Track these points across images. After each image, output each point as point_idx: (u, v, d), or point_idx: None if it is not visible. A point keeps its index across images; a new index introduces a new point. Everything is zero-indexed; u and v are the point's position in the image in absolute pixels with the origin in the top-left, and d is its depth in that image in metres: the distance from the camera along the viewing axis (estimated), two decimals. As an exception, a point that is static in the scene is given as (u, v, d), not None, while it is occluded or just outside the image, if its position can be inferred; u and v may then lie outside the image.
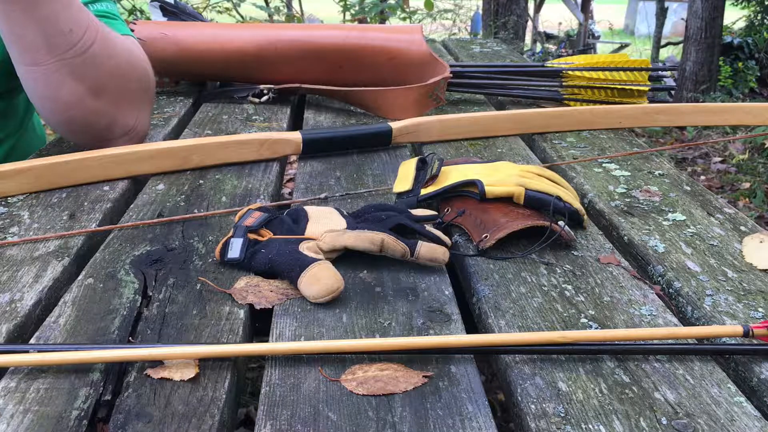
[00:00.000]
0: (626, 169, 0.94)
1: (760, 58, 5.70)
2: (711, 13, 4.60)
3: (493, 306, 0.60)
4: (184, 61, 1.17)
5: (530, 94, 1.25)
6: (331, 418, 0.46)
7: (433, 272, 0.65)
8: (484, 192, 0.73)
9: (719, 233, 0.75)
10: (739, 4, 6.08)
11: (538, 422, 0.46)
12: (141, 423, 0.44)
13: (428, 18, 4.93)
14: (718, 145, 3.62)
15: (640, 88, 1.20)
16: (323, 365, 0.51)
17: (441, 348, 0.52)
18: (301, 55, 1.17)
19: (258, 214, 0.68)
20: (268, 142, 0.91)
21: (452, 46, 1.89)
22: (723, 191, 3.05)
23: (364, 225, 0.67)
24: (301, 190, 0.84)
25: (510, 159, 0.97)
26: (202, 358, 0.51)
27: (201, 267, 0.64)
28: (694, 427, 0.46)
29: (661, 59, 7.03)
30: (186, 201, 0.79)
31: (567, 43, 8.01)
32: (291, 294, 0.60)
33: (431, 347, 0.52)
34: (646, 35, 10.64)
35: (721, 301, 0.62)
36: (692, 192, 0.86)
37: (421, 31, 1.20)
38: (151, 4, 1.34)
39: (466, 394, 0.48)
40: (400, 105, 1.13)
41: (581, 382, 0.50)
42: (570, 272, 0.66)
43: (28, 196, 0.78)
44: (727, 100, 4.91)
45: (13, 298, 0.58)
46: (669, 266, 0.68)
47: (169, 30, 1.17)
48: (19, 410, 0.45)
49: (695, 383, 0.51)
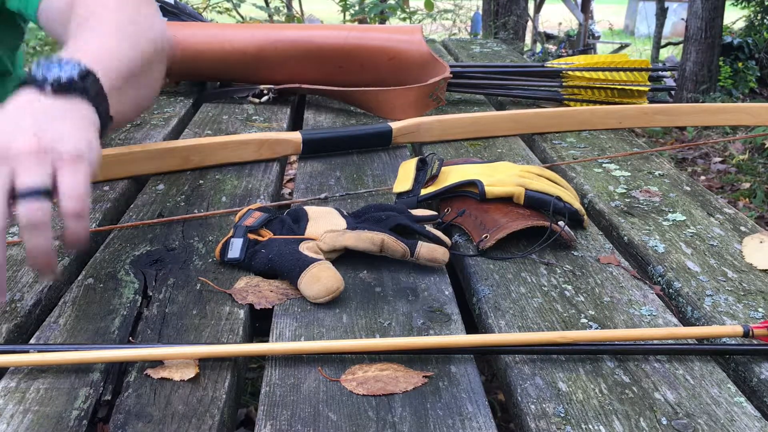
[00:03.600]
0: (626, 169, 0.94)
1: (760, 58, 5.70)
2: (711, 13, 4.59)
3: (493, 306, 0.60)
4: (184, 61, 1.17)
5: (530, 95, 1.25)
6: (331, 418, 0.46)
7: (433, 272, 0.65)
8: (484, 192, 0.73)
9: (719, 233, 0.75)
10: (739, 4, 6.08)
11: (538, 422, 0.46)
12: (141, 423, 0.44)
13: (428, 18, 4.93)
14: (718, 145, 3.62)
15: (640, 89, 1.20)
16: (323, 365, 0.51)
17: (441, 348, 0.52)
18: (301, 55, 1.17)
19: (258, 214, 0.68)
20: (268, 142, 0.91)
21: (452, 47, 1.89)
22: (723, 191, 3.05)
23: (364, 225, 0.67)
24: (301, 190, 0.84)
25: (510, 159, 0.97)
26: (202, 358, 0.51)
27: (201, 267, 0.64)
28: (694, 427, 0.46)
29: (661, 59, 7.03)
30: (186, 201, 0.79)
31: (567, 43, 8.01)
32: (291, 294, 0.60)
33: (431, 347, 0.52)
34: (646, 35, 10.64)
35: (721, 301, 0.62)
36: (692, 192, 0.86)
37: (421, 31, 1.20)
38: (151, 4, 1.34)
39: (466, 394, 0.48)
40: (400, 105, 1.13)
41: (581, 382, 0.50)
42: (570, 272, 0.66)
43: (28, 196, 0.78)
44: (727, 100, 4.91)
45: (13, 298, 0.58)
46: (669, 266, 0.68)
47: (169, 30, 1.17)
48: (19, 410, 0.45)
49: (695, 383, 0.51)
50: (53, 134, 0.54)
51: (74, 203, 0.52)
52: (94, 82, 0.61)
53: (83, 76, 0.60)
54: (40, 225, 0.51)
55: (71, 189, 0.52)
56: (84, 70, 0.60)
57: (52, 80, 0.58)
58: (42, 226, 0.51)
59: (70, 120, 0.57)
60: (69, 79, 0.58)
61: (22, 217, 0.50)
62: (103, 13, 0.75)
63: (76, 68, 0.60)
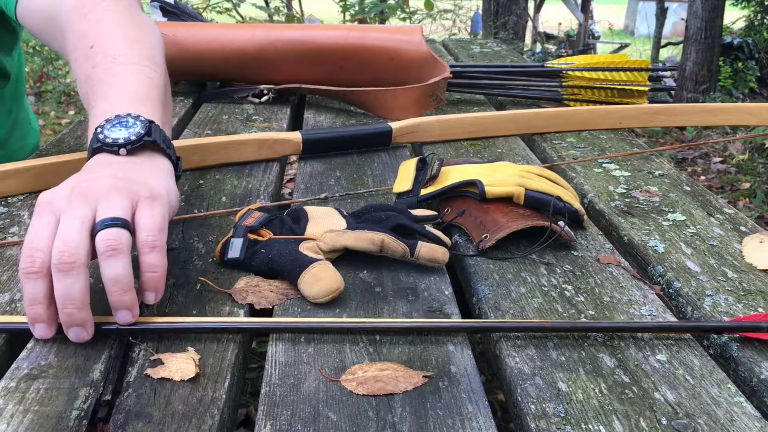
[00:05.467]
0: (626, 169, 0.94)
1: (760, 58, 5.70)
2: (711, 13, 4.60)
3: (493, 306, 0.60)
4: (184, 61, 1.17)
5: (530, 95, 1.25)
6: (331, 418, 0.46)
7: (433, 272, 0.65)
8: (484, 192, 0.73)
9: (719, 233, 0.75)
10: (739, 4, 6.08)
11: (538, 422, 0.46)
12: (141, 423, 0.44)
13: (428, 18, 4.93)
14: (718, 145, 3.62)
15: (640, 89, 1.20)
16: (323, 365, 0.51)
17: (437, 329, 0.55)
18: (301, 55, 1.17)
19: (258, 214, 0.68)
20: (268, 142, 0.91)
21: (452, 47, 1.89)
22: (723, 191, 3.05)
23: (364, 225, 0.67)
24: (301, 190, 0.84)
25: (510, 159, 0.97)
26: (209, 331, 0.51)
27: (201, 267, 0.64)
28: (694, 427, 0.46)
29: (661, 59, 7.03)
30: (186, 201, 0.79)
31: (567, 43, 8.01)
32: (291, 294, 0.60)
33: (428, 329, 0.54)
34: (646, 35, 10.64)
35: (721, 301, 0.62)
36: (692, 192, 0.86)
37: (421, 31, 1.20)
38: (151, 4, 1.34)
39: (466, 394, 0.48)
40: (400, 105, 1.13)
41: (581, 382, 0.50)
42: (570, 272, 0.66)
43: (28, 196, 0.78)
44: (727, 100, 4.91)
45: (13, 298, 0.58)
46: (669, 266, 0.68)
47: (169, 30, 1.17)
48: (19, 410, 0.45)
49: (695, 383, 0.51)
50: (133, 179, 0.55)
51: (149, 235, 0.52)
52: (158, 131, 0.62)
53: (148, 129, 0.61)
54: (118, 251, 0.50)
55: (148, 222, 0.52)
56: (146, 123, 0.61)
57: (125, 143, 0.59)
58: (120, 253, 0.50)
59: (148, 169, 0.59)
60: (139, 138, 0.60)
61: (99, 245, 0.50)
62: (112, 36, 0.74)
63: (140, 124, 0.61)
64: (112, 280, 0.50)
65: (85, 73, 0.71)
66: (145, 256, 0.52)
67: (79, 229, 0.50)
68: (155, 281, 0.52)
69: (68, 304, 0.49)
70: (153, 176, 0.58)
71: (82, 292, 0.49)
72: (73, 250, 0.49)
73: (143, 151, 0.61)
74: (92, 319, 0.51)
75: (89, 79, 0.70)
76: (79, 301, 0.49)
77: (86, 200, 0.52)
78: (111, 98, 0.66)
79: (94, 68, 0.70)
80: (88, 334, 0.51)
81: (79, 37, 0.74)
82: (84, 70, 0.71)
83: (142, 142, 0.60)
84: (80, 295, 0.49)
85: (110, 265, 0.50)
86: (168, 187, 0.58)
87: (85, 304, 0.50)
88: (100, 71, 0.69)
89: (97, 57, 0.71)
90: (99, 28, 0.74)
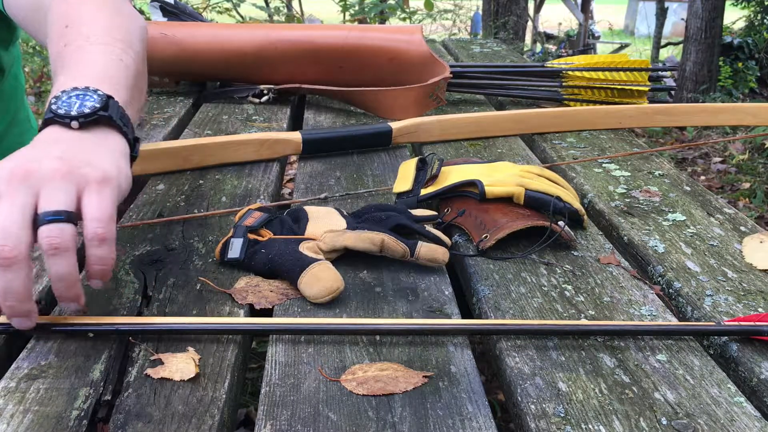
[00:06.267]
0: (626, 169, 0.94)
1: (760, 58, 5.70)
2: (711, 13, 4.59)
3: (493, 306, 0.60)
4: (184, 61, 1.17)
5: (530, 95, 1.25)
6: (331, 418, 0.46)
7: (433, 272, 0.65)
8: (484, 192, 0.73)
9: (719, 233, 0.75)
10: (739, 4, 6.08)
11: (538, 422, 0.46)
12: (141, 423, 0.44)
13: (428, 18, 4.93)
14: (718, 145, 3.62)
15: (640, 89, 1.20)
16: (323, 365, 0.51)
17: (437, 330, 0.54)
18: (301, 55, 1.17)
19: (258, 214, 0.68)
20: (268, 142, 0.91)
21: (452, 47, 1.89)
22: (723, 191, 3.05)
23: (364, 225, 0.67)
24: (301, 190, 0.84)
25: (510, 159, 0.97)
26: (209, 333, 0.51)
27: (201, 267, 0.64)
28: (694, 427, 0.46)
29: (661, 59, 7.03)
30: (186, 201, 0.79)
31: (567, 43, 8.01)
32: (291, 294, 0.60)
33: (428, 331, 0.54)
34: (646, 35, 10.64)
35: (721, 301, 0.62)
36: (692, 192, 0.86)
37: (421, 31, 1.20)
38: (151, 4, 1.34)
39: (466, 394, 0.48)
40: (400, 105, 1.13)
41: (581, 382, 0.50)
42: (570, 272, 0.66)
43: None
44: (727, 100, 4.91)
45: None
46: (669, 266, 0.68)
47: (169, 30, 1.17)
48: (19, 410, 0.45)
49: (695, 383, 0.51)
50: (81, 160, 0.52)
51: (98, 226, 0.50)
52: (115, 108, 0.59)
53: (105, 104, 0.58)
54: (62, 250, 0.48)
55: (95, 211, 0.50)
56: (104, 97, 0.58)
57: (77, 115, 0.56)
58: (64, 252, 0.48)
59: (99, 147, 0.55)
60: (93, 111, 0.57)
61: (42, 242, 0.48)
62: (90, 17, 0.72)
63: (96, 98, 0.58)
64: (56, 278, 0.49)
65: (56, 51, 0.68)
66: (93, 249, 0.50)
67: (20, 220, 0.48)
68: (103, 272, 0.51)
69: (10, 298, 0.48)
70: (104, 156, 0.55)
71: (24, 285, 0.47)
72: (13, 244, 0.47)
73: (97, 127, 0.57)
74: (36, 308, 0.50)
75: (59, 56, 0.67)
76: (21, 295, 0.48)
77: (28, 184, 0.49)
78: (74, 72, 0.62)
79: (66, 46, 0.67)
80: (32, 323, 0.50)
81: (57, 17, 0.72)
82: (56, 48, 0.68)
83: (96, 116, 0.56)
84: (22, 289, 0.48)
85: (54, 263, 0.48)
86: (120, 168, 0.55)
87: (27, 296, 0.48)
88: (72, 49, 0.67)
89: (70, 35, 0.68)
90: (78, 9, 0.72)
